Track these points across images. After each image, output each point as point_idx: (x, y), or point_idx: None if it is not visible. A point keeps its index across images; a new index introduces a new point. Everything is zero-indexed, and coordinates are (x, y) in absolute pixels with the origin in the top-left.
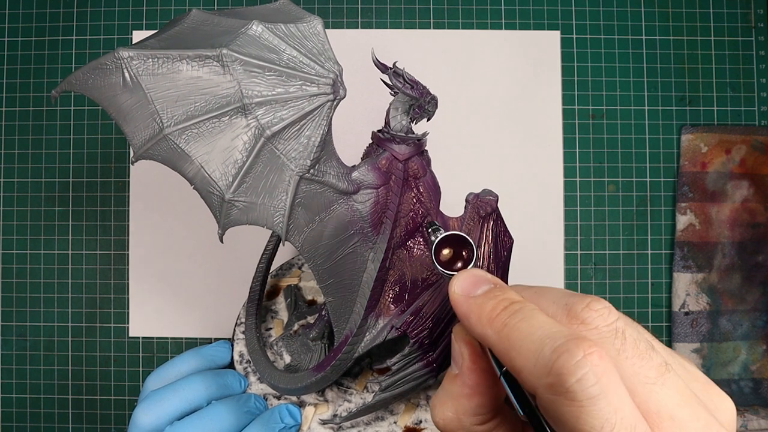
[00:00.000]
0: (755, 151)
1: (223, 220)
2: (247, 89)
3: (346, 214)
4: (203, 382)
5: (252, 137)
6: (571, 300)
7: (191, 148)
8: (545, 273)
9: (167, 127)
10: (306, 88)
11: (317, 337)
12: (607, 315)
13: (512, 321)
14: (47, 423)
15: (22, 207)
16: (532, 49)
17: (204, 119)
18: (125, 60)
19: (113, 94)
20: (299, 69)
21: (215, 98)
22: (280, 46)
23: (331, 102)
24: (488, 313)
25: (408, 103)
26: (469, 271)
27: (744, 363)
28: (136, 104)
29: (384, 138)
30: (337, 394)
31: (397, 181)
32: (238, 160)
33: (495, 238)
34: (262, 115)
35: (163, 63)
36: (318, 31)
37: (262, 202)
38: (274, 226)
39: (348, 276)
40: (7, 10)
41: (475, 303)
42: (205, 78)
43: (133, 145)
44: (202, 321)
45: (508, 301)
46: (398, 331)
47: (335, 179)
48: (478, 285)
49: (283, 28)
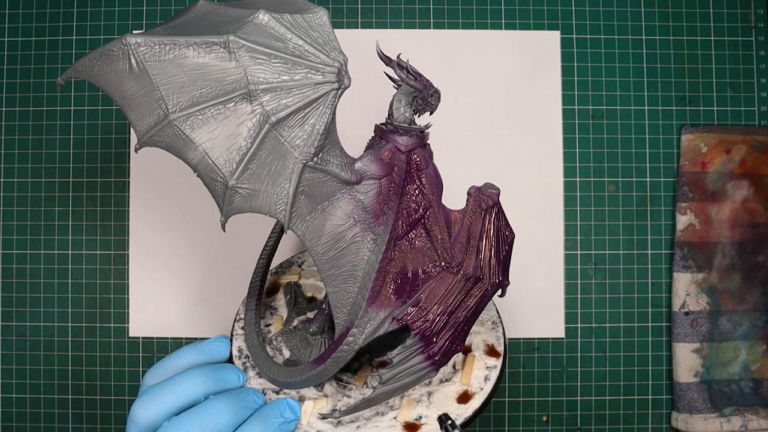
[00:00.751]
0: (755, 151)
1: (226, 207)
2: (253, 76)
3: (348, 204)
4: (201, 377)
5: (257, 123)
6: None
7: (196, 134)
8: (545, 273)
9: (172, 113)
10: (311, 76)
11: (317, 332)
12: None
13: None
14: (47, 423)
15: (22, 207)
16: (532, 49)
17: (209, 105)
18: (132, 46)
19: (119, 80)
20: (305, 57)
21: (221, 85)
22: (286, 35)
23: (336, 90)
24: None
25: (411, 94)
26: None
27: (744, 363)
28: (141, 90)
29: (387, 130)
30: (336, 389)
31: (399, 172)
32: (242, 147)
33: (497, 231)
34: (267, 101)
35: (170, 49)
36: (324, 21)
37: (265, 190)
38: (276, 213)
39: (349, 267)
40: (7, 10)
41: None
42: (212, 64)
43: (137, 132)
44: (201, 321)
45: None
46: (399, 322)
47: (338, 168)
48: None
49: (289, 18)
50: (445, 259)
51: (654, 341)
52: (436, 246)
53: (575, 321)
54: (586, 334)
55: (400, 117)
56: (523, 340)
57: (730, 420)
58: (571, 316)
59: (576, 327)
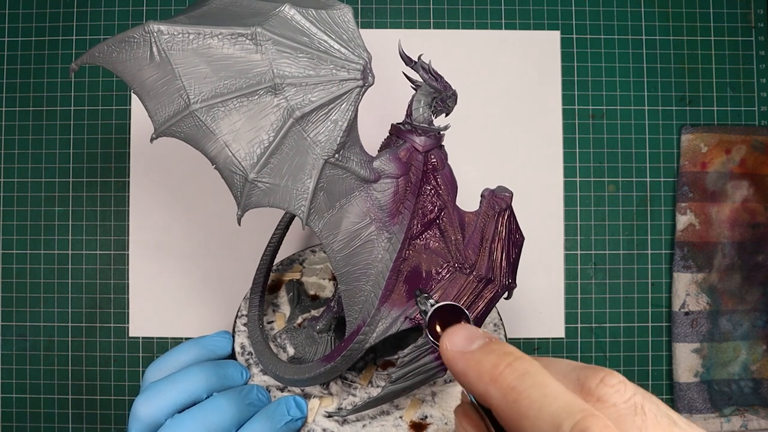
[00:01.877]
0: (755, 151)
1: (244, 201)
2: (279, 69)
3: (365, 203)
4: (203, 373)
5: (280, 117)
6: (583, 374)
7: (217, 125)
8: (545, 273)
9: (194, 104)
10: (336, 72)
11: (323, 330)
12: (623, 390)
13: (521, 386)
14: (47, 423)
15: (22, 207)
16: (532, 49)
17: (232, 97)
18: (155, 34)
19: (138, 67)
20: (330, 53)
21: (245, 77)
22: (311, 30)
23: (360, 88)
24: (489, 370)
25: (431, 95)
26: (461, 326)
27: (744, 363)
28: (162, 79)
29: (405, 129)
30: (341, 387)
31: (416, 172)
32: (264, 140)
33: (508, 234)
34: (292, 96)
35: (194, 39)
36: (349, 18)
37: (285, 185)
38: (296, 209)
39: (364, 265)
40: (7, 10)
41: (472, 359)
42: (237, 56)
43: (155, 122)
44: (202, 321)
45: (511, 357)
46: (412, 321)
47: (358, 166)
48: (473, 340)
49: (314, 13)
50: (458, 260)
51: (654, 341)
52: (449, 247)
53: (575, 321)
54: (586, 334)
55: (419, 117)
56: (523, 341)
57: (730, 420)
58: (571, 316)
59: (576, 327)
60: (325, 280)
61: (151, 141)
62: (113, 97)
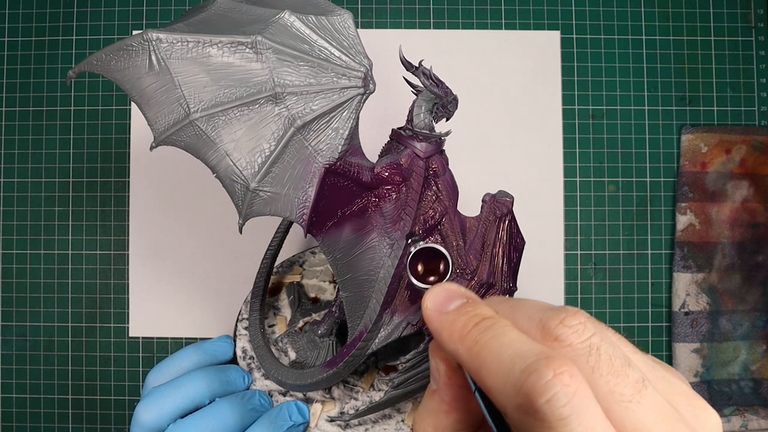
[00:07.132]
0: (755, 151)
1: (245, 210)
2: (280, 78)
3: (366, 209)
4: (205, 379)
5: (281, 126)
6: (546, 315)
7: (217, 135)
8: (545, 273)
9: (194, 113)
10: (337, 80)
11: (325, 334)
12: (581, 331)
13: (483, 338)
14: (47, 423)
15: (22, 207)
16: (532, 49)
17: (233, 106)
18: (153, 42)
19: (137, 76)
20: (331, 61)
21: (246, 86)
22: (312, 37)
23: (362, 95)
24: (459, 330)
25: (432, 101)
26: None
27: (744, 363)
28: (161, 88)
29: (406, 135)
30: (343, 391)
31: (417, 178)
32: (265, 149)
33: (509, 238)
34: (293, 104)
35: (193, 47)
36: (349, 24)
37: (286, 193)
38: (297, 218)
39: (365, 271)
40: (7, 10)
41: (446, 319)
42: (236, 64)
43: (155, 130)
44: (202, 321)
45: (480, 317)
46: (414, 327)
47: (359, 173)
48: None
49: (314, 19)
50: (459, 266)
51: (654, 341)
52: (451, 252)
53: None
54: None
55: (420, 123)
56: None
57: (730, 420)
58: None
59: None
60: (325, 282)
61: (151, 150)
62: (113, 97)
